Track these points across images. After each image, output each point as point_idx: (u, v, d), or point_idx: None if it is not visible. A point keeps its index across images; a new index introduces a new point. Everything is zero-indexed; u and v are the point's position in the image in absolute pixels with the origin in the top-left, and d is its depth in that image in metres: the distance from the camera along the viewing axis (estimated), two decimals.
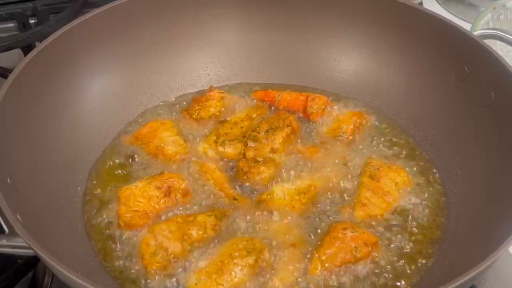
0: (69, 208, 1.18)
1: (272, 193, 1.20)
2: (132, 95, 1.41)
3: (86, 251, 1.12)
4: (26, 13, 1.69)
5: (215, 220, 1.14)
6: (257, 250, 1.09)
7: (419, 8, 1.36)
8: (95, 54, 1.34)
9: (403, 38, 1.39)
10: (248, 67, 1.50)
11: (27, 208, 1.03)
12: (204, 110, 1.39)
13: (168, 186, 1.19)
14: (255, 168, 1.23)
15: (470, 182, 1.21)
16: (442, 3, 1.86)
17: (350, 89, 1.46)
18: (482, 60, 1.23)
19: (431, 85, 1.36)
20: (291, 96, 1.41)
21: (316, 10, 1.44)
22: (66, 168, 1.23)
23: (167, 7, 1.41)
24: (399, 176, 1.23)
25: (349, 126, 1.35)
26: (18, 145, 1.12)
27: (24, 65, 1.16)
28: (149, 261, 1.08)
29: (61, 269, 0.87)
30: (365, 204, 1.18)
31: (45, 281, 1.16)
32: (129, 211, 1.16)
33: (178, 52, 1.46)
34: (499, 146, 1.18)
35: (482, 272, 0.90)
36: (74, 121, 1.29)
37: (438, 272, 1.09)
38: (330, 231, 1.13)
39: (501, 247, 0.91)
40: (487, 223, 1.10)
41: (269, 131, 1.31)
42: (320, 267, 1.08)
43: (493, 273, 1.14)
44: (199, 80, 1.49)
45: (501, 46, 1.51)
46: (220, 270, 1.05)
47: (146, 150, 1.30)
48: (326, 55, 1.48)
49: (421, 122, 1.36)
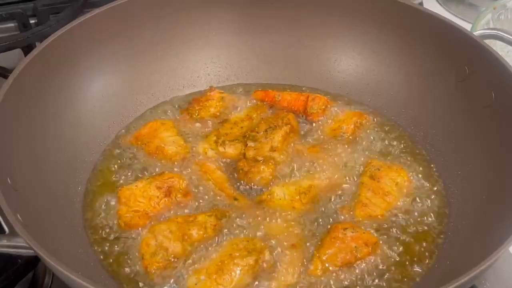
0: (69, 208, 1.18)
1: (273, 193, 1.20)
2: (132, 95, 1.41)
3: (86, 251, 1.12)
4: (26, 13, 1.68)
5: (215, 220, 1.14)
6: (258, 250, 1.08)
7: (419, 8, 1.36)
8: (95, 54, 1.34)
9: (403, 38, 1.39)
10: (248, 67, 1.50)
11: (27, 208, 1.03)
12: (204, 110, 1.39)
13: (168, 186, 1.19)
14: (255, 168, 1.23)
15: (470, 182, 1.21)
16: (442, 3, 1.86)
17: (350, 89, 1.46)
18: (482, 60, 1.23)
19: (431, 85, 1.36)
20: (291, 96, 1.41)
21: (316, 10, 1.44)
22: (66, 168, 1.23)
23: (167, 7, 1.41)
24: (400, 176, 1.23)
25: (349, 126, 1.35)
26: (18, 145, 1.12)
27: (24, 65, 1.16)
28: (149, 261, 1.08)
29: (61, 269, 0.87)
30: (365, 204, 1.18)
31: (45, 281, 1.15)
32: (129, 211, 1.16)
33: (178, 52, 1.46)
34: (499, 146, 1.18)
35: (482, 272, 0.90)
36: (74, 121, 1.29)
37: (438, 272, 1.09)
38: (330, 231, 1.13)
39: (501, 247, 0.91)
40: (487, 223, 1.10)
41: (268, 130, 1.31)
42: (320, 267, 1.08)
43: (493, 273, 1.14)
44: (199, 80, 1.49)
45: (501, 46, 1.51)
46: (220, 270, 1.05)
47: (146, 150, 1.30)
48: (326, 55, 1.48)
49: (421, 122, 1.36)
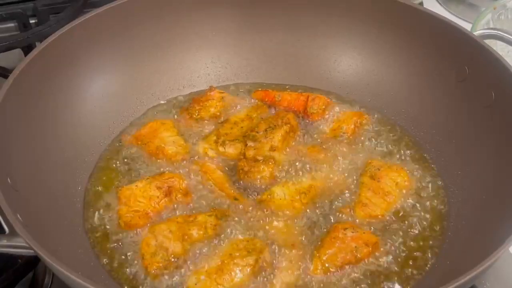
0: (69, 208, 1.18)
1: (273, 193, 1.20)
2: (132, 95, 1.41)
3: (86, 251, 1.12)
4: (27, 13, 1.68)
5: (215, 220, 1.14)
6: (258, 250, 1.08)
7: (419, 8, 1.36)
8: (95, 54, 1.34)
9: (403, 38, 1.39)
10: (248, 67, 1.50)
11: (27, 208, 1.03)
12: (204, 110, 1.39)
13: (168, 186, 1.19)
14: (255, 167, 1.23)
15: (470, 182, 1.21)
16: (442, 3, 1.86)
17: (351, 89, 1.46)
18: (482, 60, 1.23)
19: (431, 85, 1.35)
20: (291, 96, 1.41)
21: (316, 10, 1.44)
22: (66, 168, 1.23)
23: (167, 7, 1.41)
24: (400, 176, 1.23)
25: (350, 126, 1.35)
26: (18, 145, 1.12)
27: (24, 65, 1.16)
28: (150, 261, 1.08)
29: (61, 269, 0.87)
30: (365, 204, 1.18)
31: (45, 281, 1.15)
32: (129, 211, 1.16)
33: (178, 52, 1.46)
34: (499, 146, 1.18)
35: (482, 272, 0.90)
36: (74, 121, 1.29)
37: (438, 272, 1.09)
38: (330, 231, 1.13)
39: (501, 247, 0.91)
40: (487, 223, 1.10)
41: (268, 130, 1.30)
42: (320, 267, 1.08)
43: (493, 273, 1.14)
44: (199, 80, 1.49)
45: (501, 46, 1.51)
46: (220, 270, 1.05)
47: (146, 150, 1.30)
48: (326, 55, 1.48)
49: (421, 122, 1.36)
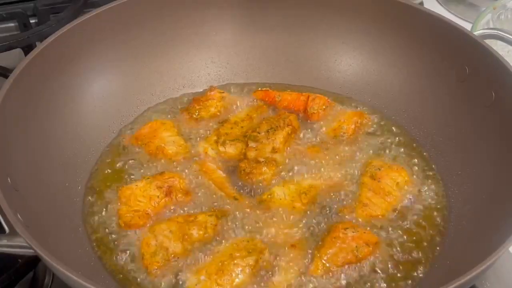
0: (69, 208, 1.18)
1: (273, 193, 1.20)
2: (132, 95, 1.41)
3: (86, 251, 1.12)
4: (27, 13, 1.69)
5: (215, 220, 1.14)
6: (258, 250, 1.08)
7: (420, 8, 1.36)
8: (95, 54, 1.34)
9: (403, 38, 1.39)
10: (248, 67, 1.50)
11: (27, 208, 1.03)
12: (204, 110, 1.39)
13: (168, 186, 1.19)
14: (257, 169, 1.23)
15: (470, 182, 1.21)
16: (443, 3, 1.86)
17: (351, 89, 1.46)
18: (482, 60, 1.23)
19: (432, 85, 1.35)
20: (291, 96, 1.41)
21: (317, 10, 1.44)
22: (66, 168, 1.23)
23: (167, 7, 1.41)
24: (400, 176, 1.23)
25: (350, 126, 1.35)
26: (18, 145, 1.12)
27: (24, 65, 1.16)
28: (150, 261, 1.08)
29: (61, 269, 0.86)
30: (366, 204, 1.18)
31: (45, 281, 1.15)
32: (129, 211, 1.16)
33: (178, 52, 1.46)
34: (499, 146, 1.18)
35: (482, 272, 0.90)
36: (74, 121, 1.29)
37: (438, 272, 1.09)
38: (331, 231, 1.13)
39: (501, 247, 0.91)
40: (488, 223, 1.10)
41: (270, 131, 1.30)
42: (321, 267, 1.08)
43: (493, 273, 1.14)
44: (199, 80, 1.48)
45: (501, 46, 1.51)
46: (220, 271, 1.05)
47: (146, 150, 1.30)
48: (327, 55, 1.48)
49: (421, 122, 1.36)
